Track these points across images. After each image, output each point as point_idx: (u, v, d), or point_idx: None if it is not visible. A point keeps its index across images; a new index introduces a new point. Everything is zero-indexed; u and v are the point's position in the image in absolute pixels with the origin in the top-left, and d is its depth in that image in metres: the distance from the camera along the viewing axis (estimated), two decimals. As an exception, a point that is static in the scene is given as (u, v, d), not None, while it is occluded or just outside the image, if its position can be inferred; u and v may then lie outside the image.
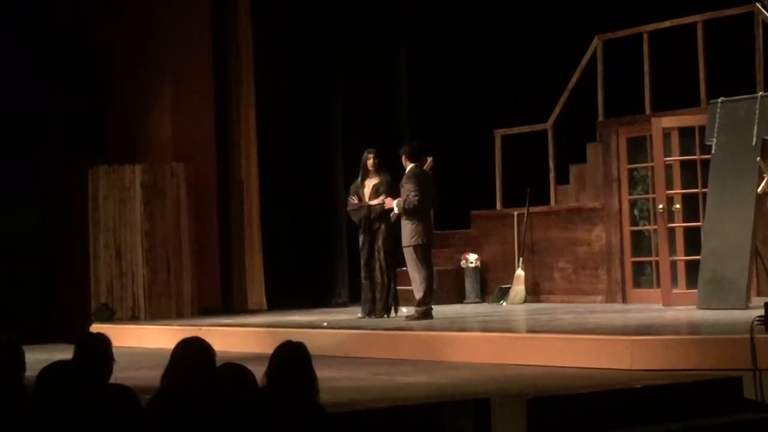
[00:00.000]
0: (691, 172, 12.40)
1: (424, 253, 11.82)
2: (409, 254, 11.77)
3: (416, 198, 11.60)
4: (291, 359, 5.27)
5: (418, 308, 11.71)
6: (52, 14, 13.49)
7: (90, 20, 14.39)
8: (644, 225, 13.36)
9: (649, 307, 12.18)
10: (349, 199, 12.43)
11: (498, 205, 14.93)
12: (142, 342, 12.23)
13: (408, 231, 11.72)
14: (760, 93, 11.70)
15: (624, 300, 13.31)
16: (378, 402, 7.09)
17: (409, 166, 11.84)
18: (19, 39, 13.34)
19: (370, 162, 12.26)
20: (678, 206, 12.42)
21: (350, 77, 15.84)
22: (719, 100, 11.77)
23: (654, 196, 12.77)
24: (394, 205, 11.82)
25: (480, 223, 15.10)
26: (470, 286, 14.80)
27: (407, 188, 11.68)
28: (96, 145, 14.53)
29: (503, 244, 14.69)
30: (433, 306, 11.89)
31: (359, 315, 12.33)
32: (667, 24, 13.08)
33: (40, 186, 13.10)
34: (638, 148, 13.32)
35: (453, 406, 6.99)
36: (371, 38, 16.14)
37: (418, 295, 11.70)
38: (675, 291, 12.28)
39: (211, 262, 14.89)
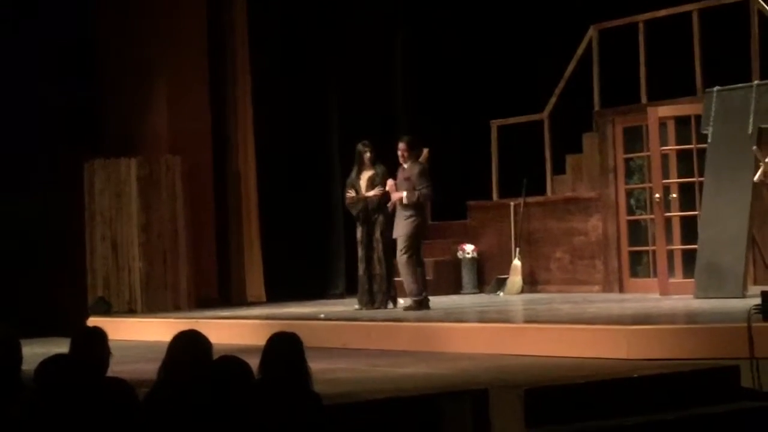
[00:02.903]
0: (687, 162, 12.40)
1: (420, 245, 11.88)
2: (401, 244, 11.76)
3: (430, 191, 11.65)
4: (282, 350, 5.28)
5: (415, 299, 11.70)
6: (49, 8, 13.46)
7: (86, 14, 14.35)
8: (641, 214, 13.36)
9: (646, 297, 12.19)
10: (346, 193, 12.42)
11: (494, 196, 14.93)
12: (139, 335, 12.22)
13: (410, 222, 11.71)
14: (756, 81, 11.70)
15: (621, 289, 13.32)
16: (376, 393, 7.09)
17: (414, 159, 11.86)
18: (15, 33, 13.31)
19: (366, 155, 12.26)
20: (674, 195, 12.42)
21: (346, 68, 15.81)
22: (715, 89, 11.76)
23: (650, 185, 12.76)
24: (404, 196, 11.74)
25: (476, 214, 15.10)
26: (467, 276, 14.81)
27: (419, 181, 11.69)
28: (92, 139, 14.50)
29: (500, 235, 14.69)
30: (429, 297, 11.91)
31: (356, 306, 12.33)
32: (662, 13, 13.07)
33: (36, 179, 13.08)
34: (634, 138, 13.32)
35: (451, 396, 6.99)
36: (367, 30, 16.10)
37: (413, 286, 11.70)
38: (672, 280, 12.28)
39: (208, 254, 14.88)
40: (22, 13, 13.35)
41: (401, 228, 11.79)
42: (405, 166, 11.87)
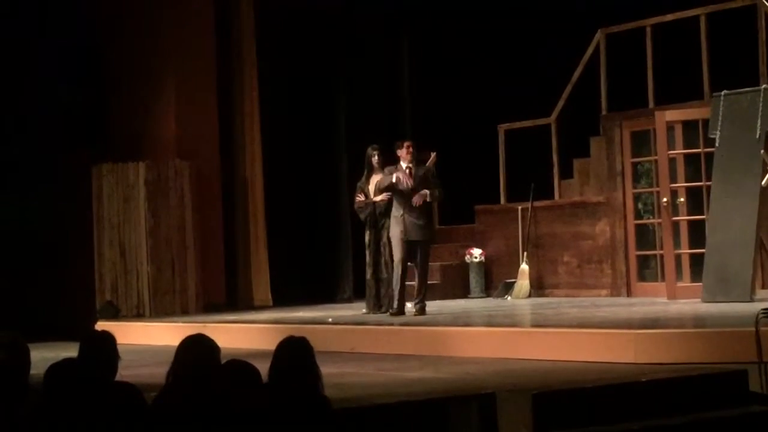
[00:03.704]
0: (695, 166, 12.40)
1: None
2: (428, 249, 11.78)
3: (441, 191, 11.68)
4: (293, 354, 5.28)
5: (420, 303, 11.67)
6: (56, 12, 13.48)
7: (93, 17, 14.39)
8: (648, 219, 13.35)
9: (653, 301, 12.18)
10: (356, 196, 12.43)
11: (502, 200, 14.93)
12: (147, 339, 12.24)
13: (431, 226, 11.72)
14: (764, 86, 11.69)
15: (628, 294, 13.31)
16: (384, 397, 7.09)
17: (410, 161, 11.85)
18: (22, 36, 13.33)
19: (374, 159, 12.26)
20: (682, 199, 12.41)
21: (353, 73, 15.83)
22: (722, 93, 11.76)
23: (658, 189, 12.76)
24: (428, 194, 11.68)
25: (484, 218, 15.10)
26: (474, 280, 14.80)
27: (434, 182, 11.70)
28: (99, 143, 14.53)
29: (507, 239, 14.68)
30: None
31: (364, 311, 12.34)
32: (669, 17, 13.07)
33: (44, 184, 13.09)
34: (642, 142, 13.32)
35: (458, 400, 6.99)
36: (374, 34, 16.12)
37: (422, 288, 11.69)
38: (679, 284, 12.28)
39: (216, 259, 14.89)
40: (29, 18, 13.37)
41: (426, 232, 11.70)
42: (411, 165, 11.75)
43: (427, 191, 11.63)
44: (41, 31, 13.41)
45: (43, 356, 6.20)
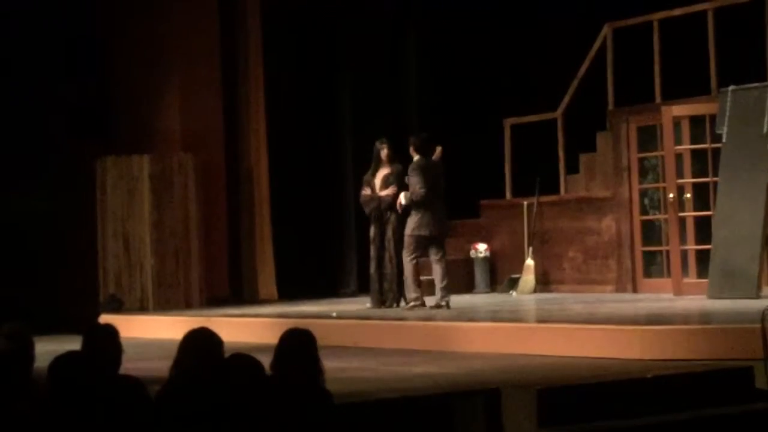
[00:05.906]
0: (701, 161, 12.36)
1: (423, 245, 11.76)
2: (406, 243, 11.75)
3: (422, 190, 11.59)
4: (296, 346, 5.27)
5: (441, 296, 11.66)
6: (61, 6, 13.47)
7: (98, 9, 14.37)
8: (654, 214, 13.32)
9: (659, 297, 12.15)
10: (362, 190, 12.41)
11: (507, 195, 14.91)
12: (151, 333, 12.22)
13: (412, 222, 11.69)
14: (771, 81, 11.67)
15: (634, 289, 13.28)
16: (388, 392, 7.08)
17: (416, 158, 11.82)
18: (26, 28, 13.32)
19: (383, 153, 12.23)
20: (689, 195, 12.39)
21: (359, 66, 15.80)
22: (730, 88, 11.72)
23: (664, 185, 12.73)
24: (402, 198, 11.77)
25: (489, 213, 15.08)
26: (480, 276, 14.78)
27: (413, 181, 11.68)
28: (104, 135, 14.52)
29: (513, 234, 14.66)
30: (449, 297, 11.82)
31: (368, 305, 12.31)
32: (677, 12, 13.03)
33: (48, 176, 13.09)
34: (648, 137, 13.29)
35: (463, 396, 6.97)
36: (380, 27, 16.10)
37: (442, 283, 11.68)
38: (685, 280, 12.25)
39: (220, 252, 14.88)
40: (35, 11, 13.36)
41: (407, 227, 11.75)
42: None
43: (401, 195, 11.70)
44: (46, 23, 13.39)
45: (46, 349, 6.17)
